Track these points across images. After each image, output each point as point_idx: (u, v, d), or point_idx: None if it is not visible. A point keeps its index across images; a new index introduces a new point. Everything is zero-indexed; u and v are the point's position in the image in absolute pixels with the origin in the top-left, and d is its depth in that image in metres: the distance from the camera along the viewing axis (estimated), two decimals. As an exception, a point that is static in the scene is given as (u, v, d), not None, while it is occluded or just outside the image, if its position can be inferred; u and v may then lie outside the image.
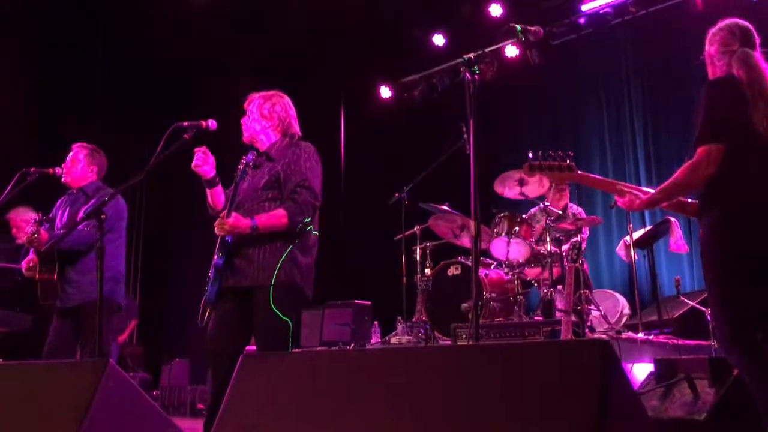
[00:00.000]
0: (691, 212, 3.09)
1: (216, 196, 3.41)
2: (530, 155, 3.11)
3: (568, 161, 3.09)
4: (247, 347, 3.35)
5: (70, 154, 4.49)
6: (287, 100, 3.54)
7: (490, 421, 1.71)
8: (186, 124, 3.41)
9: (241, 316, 3.25)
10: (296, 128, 3.52)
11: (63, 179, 4.45)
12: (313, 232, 3.38)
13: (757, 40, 3.00)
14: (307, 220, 3.27)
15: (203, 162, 3.34)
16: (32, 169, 4.37)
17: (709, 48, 3.06)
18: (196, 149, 3.35)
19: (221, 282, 3.24)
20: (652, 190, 3.06)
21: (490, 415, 1.71)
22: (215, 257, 3.28)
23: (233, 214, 3.18)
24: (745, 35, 2.98)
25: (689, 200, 3.12)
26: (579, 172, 3.13)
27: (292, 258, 3.24)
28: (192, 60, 9.04)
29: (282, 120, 3.46)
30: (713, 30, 3.08)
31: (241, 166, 3.29)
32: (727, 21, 3.05)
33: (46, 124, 8.19)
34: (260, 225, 3.17)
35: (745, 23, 3.03)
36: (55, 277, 4.17)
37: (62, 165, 4.46)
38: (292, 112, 3.53)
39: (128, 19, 8.80)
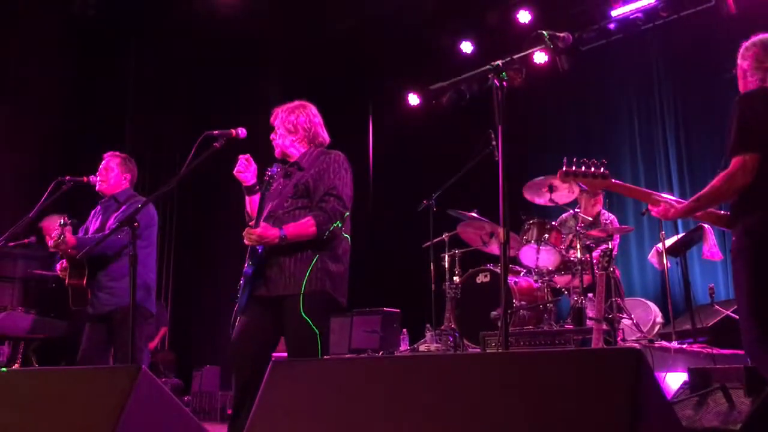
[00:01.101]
0: (724, 223, 3.06)
1: (254, 204, 3.45)
2: (564, 162, 3.10)
3: (602, 169, 3.09)
4: (276, 354, 3.37)
5: (103, 162, 4.57)
6: (311, 109, 3.55)
7: (519, 431, 1.69)
8: (216, 132, 3.46)
9: (269, 323, 3.28)
10: (324, 136, 3.55)
11: (98, 187, 4.53)
12: (345, 235, 3.39)
13: None
14: (335, 225, 3.28)
15: (245, 169, 3.40)
16: (67, 178, 4.45)
17: (742, 62, 3.05)
18: (240, 156, 3.40)
19: (251, 290, 3.27)
20: (684, 201, 3.04)
21: (519, 425, 1.70)
22: (246, 265, 3.32)
23: (261, 224, 3.21)
24: None
25: (722, 212, 3.09)
26: (613, 180, 3.12)
27: (321, 266, 3.26)
28: (221, 67, 9.15)
29: (307, 131, 3.49)
30: (746, 44, 3.06)
31: (266, 178, 3.33)
32: (761, 36, 3.04)
33: (79, 132, 8.35)
34: (289, 235, 3.20)
35: None
36: (84, 282, 4.23)
37: (97, 173, 4.54)
38: (317, 120, 3.55)
39: (160, 27, 8.94)
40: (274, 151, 3.54)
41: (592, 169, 3.09)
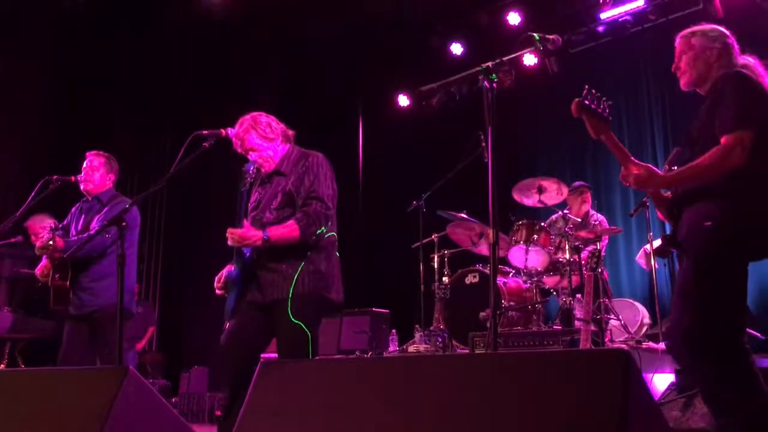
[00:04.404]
0: (666, 207, 2.93)
1: None
2: (585, 90, 2.93)
3: (608, 112, 3.01)
4: (265, 355, 3.37)
5: (86, 162, 4.54)
6: (262, 113, 3.48)
7: (507, 431, 1.70)
8: (205, 132, 3.44)
9: (261, 326, 3.28)
10: (286, 128, 3.51)
11: (83, 187, 4.50)
12: (329, 234, 3.36)
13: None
14: (320, 230, 3.27)
15: (223, 288, 3.38)
16: (54, 177, 4.43)
17: (712, 43, 2.97)
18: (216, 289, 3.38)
19: (241, 294, 3.27)
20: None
21: (507, 426, 1.70)
22: (232, 267, 3.31)
23: (244, 223, 3.19)
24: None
25: (666, 193, 2.98)
26: (610, 133, 2.98)
27: (310, 267, 3.26)
28: (212, 67, 9.13)
29: (283, 131, 3.46)
30: (705, 28, 3.03)
31: (248, 179, 3.29)
32: (721, 29, 3.00)
33: (67, 131, 8.29)
34: (272, 237, 3.17)
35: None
36: (68, 284, 4.22)
37: (82, 172, 4.51)
38: (272, 117, 3.50)
39: (150, 26, 8.91)
40: (263, 169, 3.43)
41: (600, 109, 2.99)
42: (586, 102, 2.89)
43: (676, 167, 2.91)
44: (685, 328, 2.64)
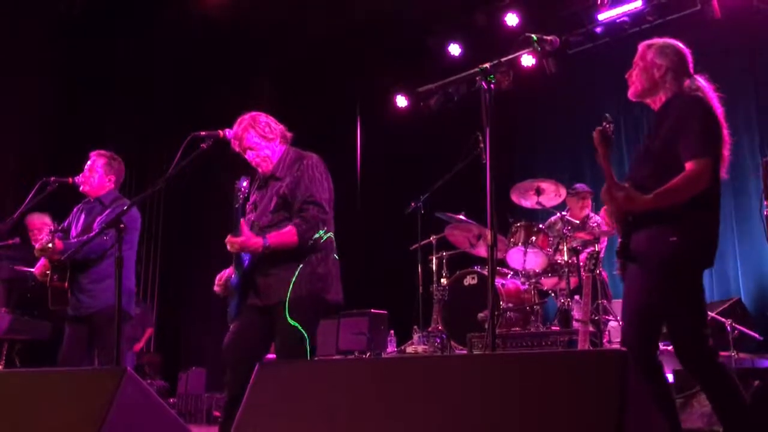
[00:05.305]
0: (622, 220, 3.02)
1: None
2: (606, 120, 3.06)
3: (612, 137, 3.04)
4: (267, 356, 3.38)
5: (88, 162, 4.51)
6: (261, 113, 3.48)
7: (506, 432, 1.70)
8: (203, 133, 3.43)
9: (261, 328, 3.29)
10: (285, 130, 3.51)
11: (81, 189, 4.48)
12: (326, 236, 3.36)
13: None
14: (317, 234, 3.27)
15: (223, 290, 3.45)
16: (52, 179, 4.41)
17: (661, 60, 3.05)
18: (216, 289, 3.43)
19: (242, 299, 3.28)
20: None
21: (506, 426, 1.70)
22: (233, 274, 3.33)
23: (243, 230, 3.19)
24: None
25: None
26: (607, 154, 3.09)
27: (308, 270, 3.27)
28: (209, 67, 9.12)
29: (282, 132, 3.46)
30: (659, 43, 3.12)
31: (238, 194, 3.29)
32: (672, 42, 3.10)
33: (64, 132, 8.28)
34: (272, 243, 3.19)
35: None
36: (66, 285, 4.21)
37: (82, 173, 4.49)
38: (272, 118, 3.50)
39: (148, 26, 8.89)
40: (260, 169, 3.44)
41: (610, 133, 3.02)
42: (608, 135, 3.08)
43: (631, 181, 3.04)
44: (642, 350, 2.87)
